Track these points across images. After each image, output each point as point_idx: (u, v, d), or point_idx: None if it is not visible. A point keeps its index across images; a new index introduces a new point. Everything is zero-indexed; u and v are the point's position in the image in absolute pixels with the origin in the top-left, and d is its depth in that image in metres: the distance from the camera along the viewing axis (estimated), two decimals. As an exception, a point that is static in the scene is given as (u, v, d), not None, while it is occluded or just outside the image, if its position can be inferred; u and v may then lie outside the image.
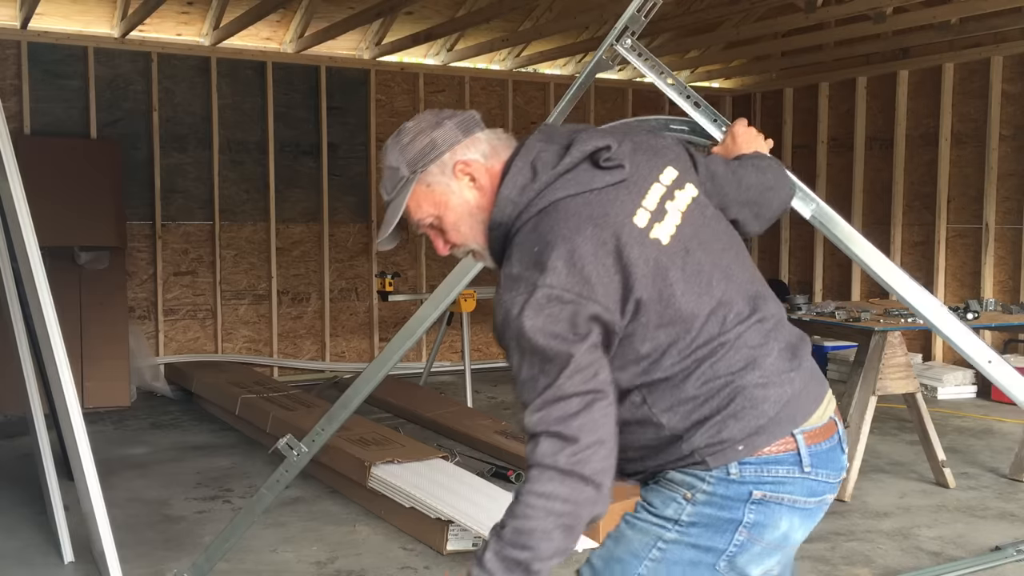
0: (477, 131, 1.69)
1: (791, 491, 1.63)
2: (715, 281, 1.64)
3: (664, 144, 1.76)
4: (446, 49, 8.38)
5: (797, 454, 1.63)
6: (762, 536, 1.63)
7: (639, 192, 1.63)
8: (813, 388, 1.69)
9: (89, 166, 6.92)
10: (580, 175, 1.60)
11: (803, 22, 6.90)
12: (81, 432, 3.29)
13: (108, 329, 6.82)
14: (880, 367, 4.71)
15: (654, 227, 1.61)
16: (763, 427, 1.60)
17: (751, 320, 1.65)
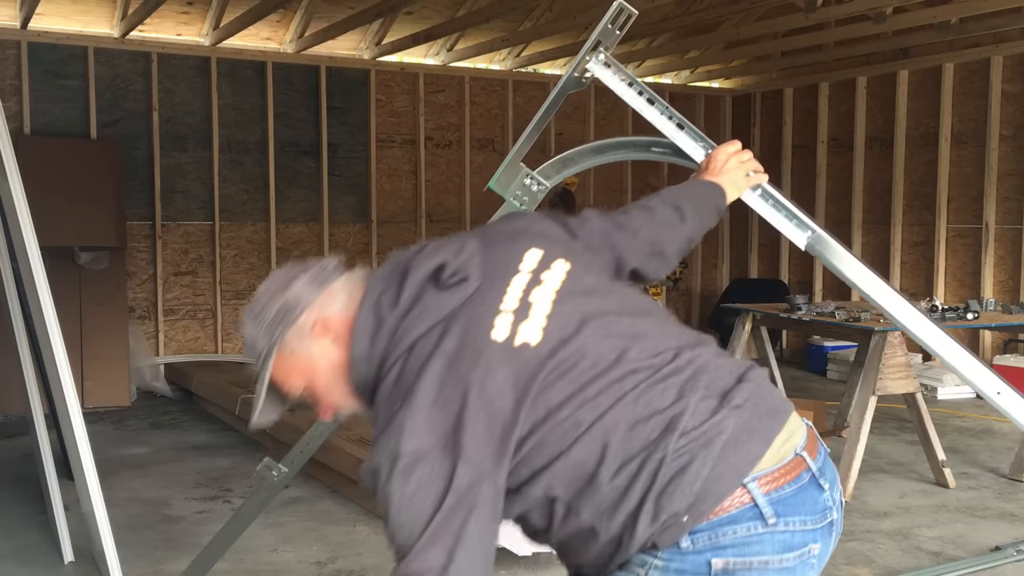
0: (333, 281, 1.51)
1: (759, 551, 1.39)
2: (604, 357, 1.42)
3: (523, 225, 1.60)
4: (446, 49, 8.38)
5: (755, 506, 1.39)
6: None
7: (496, 296, 1.44)
8: (759, 424, 1.43)
9: (89, 166, 6.92)
10: (426, 307, 1.42)
11: (803, 22, 6.90)
12: (81, 432, 3.29)
13: (108, 329, 6.82)
14: (880, 367, 4.71)
15: (519, 330, 1.41)
16: (703, 491, 1.37)
17: (655, 379, 1.42)
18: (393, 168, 8.41)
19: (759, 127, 9.62)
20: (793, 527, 1.41)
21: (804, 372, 8.38)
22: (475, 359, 1.37)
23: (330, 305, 1.49)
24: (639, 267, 1.74)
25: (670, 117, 2.26)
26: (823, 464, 1.49)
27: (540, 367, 1.39)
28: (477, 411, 1.35)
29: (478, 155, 8.77)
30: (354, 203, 8.26)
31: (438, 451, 1.33)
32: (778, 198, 2.25)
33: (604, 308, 1.49)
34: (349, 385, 1.49)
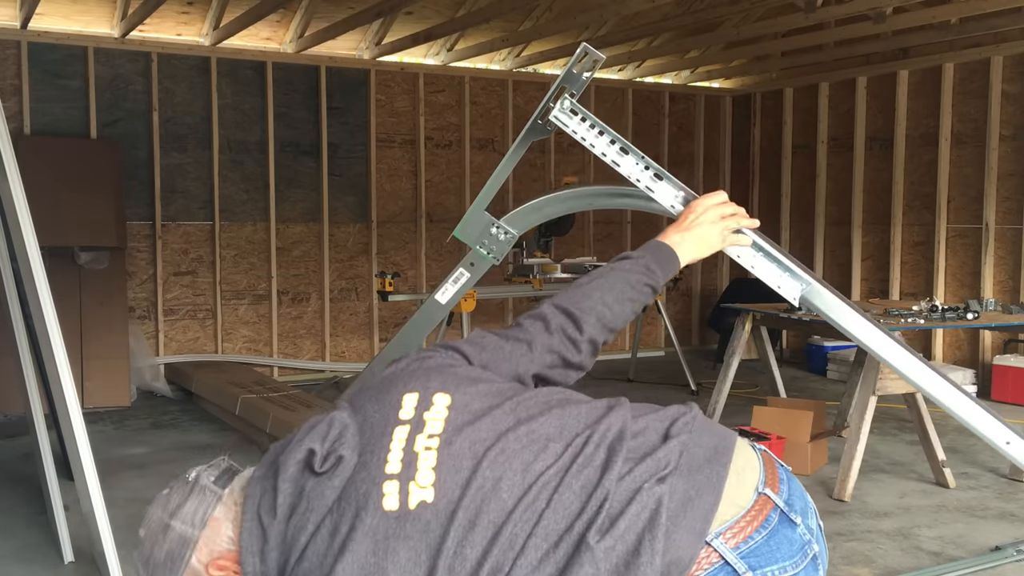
0: (215, 509, 1.36)
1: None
2: (510, 485, 1.31)
3: (398, 369, 1.50)
4: (446, 49, 8.38)
5: (725, 563, 1.30)
6: None
7: (378, 463, 1.33)
8: (701, 476, 1.34)
9: (89, 166, 6.92)
10: (309, 502, 1.31)
11: (803, 22, 6.89)
12: (81, 432, 3.29)
13: (108, 329, 6.82)
14: (880, 367, 4.71)
15: (411, 491, 1.30)
16: (666, 566, 1.27)
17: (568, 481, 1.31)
18: (393, 168, 8.41)
19: (759, 127, 9.62)
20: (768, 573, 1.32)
21: (804, 372, 8.38)
22: (373, 544, 1.26)
23: (217, 539, 1.35)
24: (540, 373, 1.61)
25: (647, 167, 2.05)
26: (789, 495, 1.40)
27: (447, 524, 1.28)
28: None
29: (478, 155, 8.77)
30: (354, 203, 8.26)
31: None
32: (770, 250, 2.06)
33: (497, 429, 1.37)
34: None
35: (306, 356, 8.16)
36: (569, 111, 2.09)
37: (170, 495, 1.39)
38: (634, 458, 1.33)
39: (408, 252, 8.51)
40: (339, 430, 1.36)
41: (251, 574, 1.31)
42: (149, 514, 1.40)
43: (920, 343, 7.95)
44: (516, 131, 8.84)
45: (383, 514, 1.28)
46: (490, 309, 8.80)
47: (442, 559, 1.25)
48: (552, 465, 1.33)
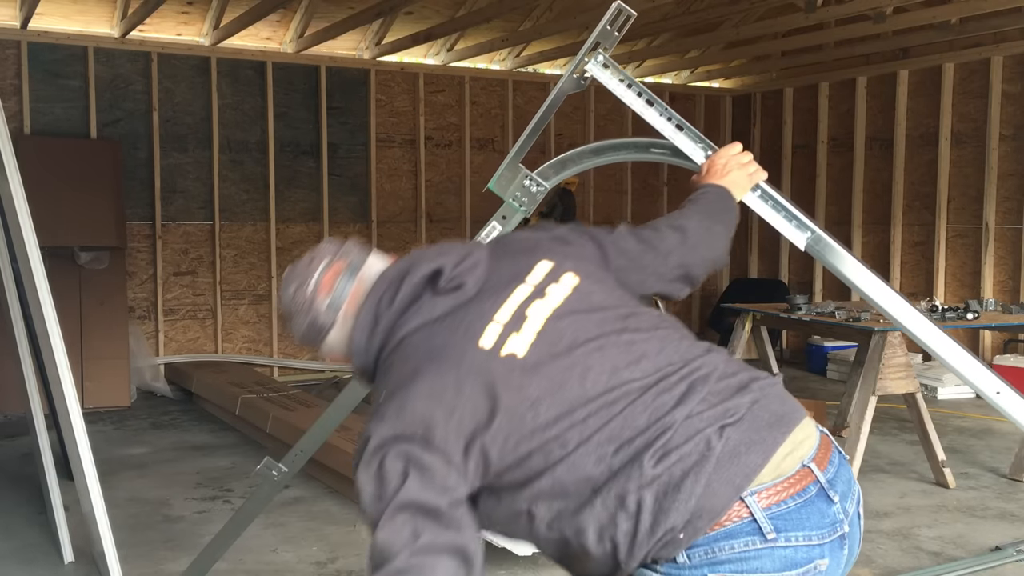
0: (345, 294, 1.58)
1: (758, 567, 1.35)
2: (596, 378, 1.42)
3: (544, 237, 1.63)
4: (446, 49, 8.38)
5: (753, 521, 1.35)
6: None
7: (491, 306, 1.46)
8: (759, 436, 1.40)
9: (89, 166, 6.92)
10: (421, 308, 1.49)
11: (803, 22, 6.90)
12: (81, 432, 3.29)
13: (108, 329, 6.82)
14: (880, 367, 4.71)
15: (508, 341, 1.42)
16: (698, 507, 1.34)
17: (646, 399, 1.41)
18: (393, 168, 8.41)
19: (759, 127, 9.62)
20: (796, 542, 1.37)
21: (804, 372, 8.38)
22: (457, 361, 1.40)
23: (335, 340, 1.60)
24: (663, 290, 1.74)
25: (669, 118, 2.26)
26: (835, 475, 1.45)
27: (526, 379, 1.40)
28: (451, 409, 1.37)
29: (478, 155, 8.76)
30: (354, 203, 8.26)
31: (411, 441, 1.36)
32: (777, 199, 2.25)
33: (603, 328, 1.48)
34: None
35: (306, 356, 8.16)
36: (602, 65, 2.25)
37: (328, 254, 1.65)
38: (708, 402, 1.41)
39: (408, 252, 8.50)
40: (472, 262, 1.53)
41: (356, 347, 1.54)
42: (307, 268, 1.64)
43: (920, 343, 7.94)
44: (516, 131, 8.85)
45: (475, 348, 1.42)
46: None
47: (507, 401, 1.38)
48: (638, 380, 1.43)
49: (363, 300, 1.56)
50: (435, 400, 1.38)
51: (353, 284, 1.60)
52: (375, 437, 1.40)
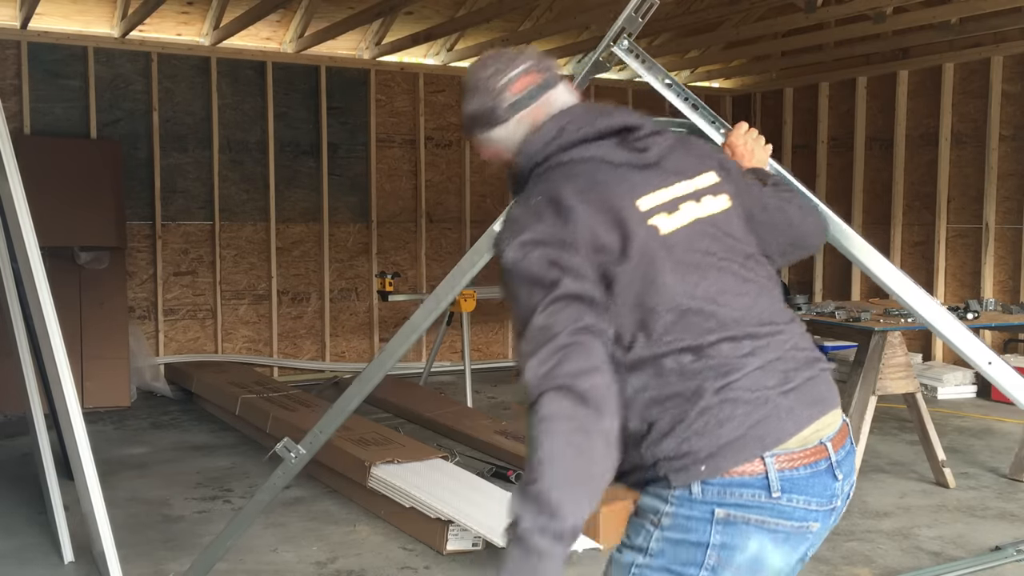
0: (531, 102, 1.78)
1: (758, 512, 1.54)
2: (707, 287, 1.59)
3: (717, 157, 1.80)
4: (446, 49, 8.38)
5: (765, 478, 1.53)
6: (732, 559, 1.54)
7: (657, 182, 1.65)
8: (799, 410, 1.58)
9: (89, 166, 6.92)
10: (601, 146, 1.66)
11: (803, 22, 6.90)
12: (81, 432, 3.29)
13: (108, 329, 6.82)
14: (880, 367, 4.71)
15: (657, 216, 1.60)
16: (726, 447, 1.52)
17: (740, 336, 1.58)
18: (393, 168, 8.41)
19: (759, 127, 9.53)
20: (796, 504, 1.55)
21: (804, 372, 8.37)
22: (616, 203, 1.59)
23: (502, 136, 1.81)
24: (771, 256, 1.83)
25: (686, 99, 2.45)
26: (844, 458, 1.63)
27: (657, 252, 1.58)
28: (596, 236, 1.55)
29: (478, 155, 8.75)
30: (354, 203, 8.26)
31: (563, 246, 1.53)
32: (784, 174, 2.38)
33: (730, 254, 1.66)
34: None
35: (306, 356, 8.16)
36: (627, 50, 2.42)
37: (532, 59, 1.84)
38: (775, 367, 1.60)
39: (408, 252, 8.51)
40: (662, 139, 1.71)
41: (528, 147, 1.71)
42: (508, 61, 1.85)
43: (920, 343, 7.95)
44: (516, 131, 8.84)
45: (632, 204, 1.60)
46: (490, 309, 8.80)
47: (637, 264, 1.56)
48: (735, 311, 1.61)
49: (552, 114, 1.72)
50: (586, 222, 1.55)
51: (541, 98, 1.76)
52: (528, 232, 1.56)
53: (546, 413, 1.41)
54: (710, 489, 1.53)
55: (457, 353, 8.47)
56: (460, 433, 5.72)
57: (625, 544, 1.63)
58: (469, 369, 6.76)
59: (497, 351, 8.97)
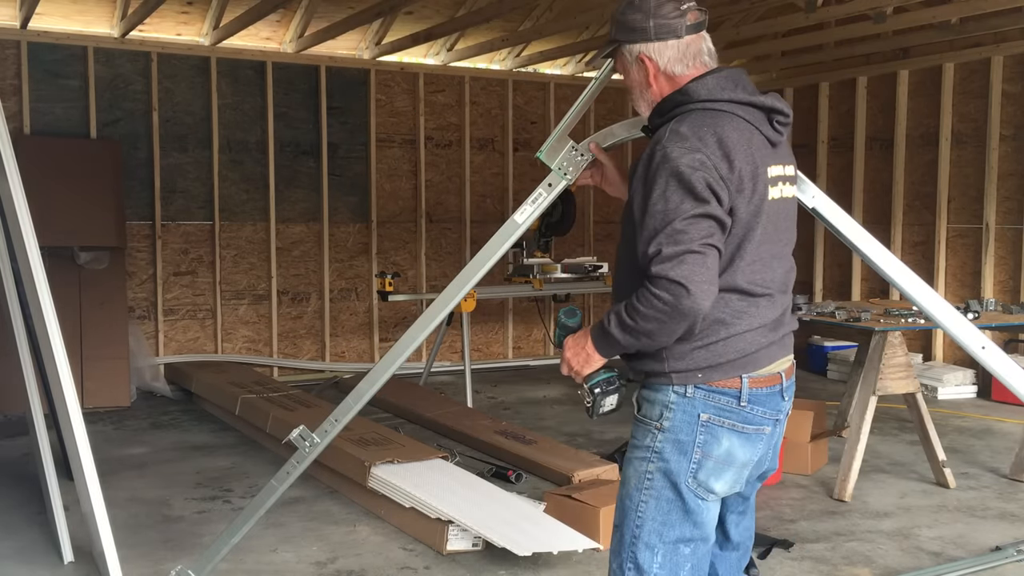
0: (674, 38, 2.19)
1: (729, 417, 2.11)
2: (770, 248, 2.13)
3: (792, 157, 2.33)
4: (446, 49, 8.38)
5: (739, 392, 2.11)
6: (711, 452, 2.12)
7: (777, 159, 2.15)
8: (773, 352, 2.17)
9: (89, 166, 6.92)
10: (757, 115, 2.11)
11: (803, 22, 6.89)
12: (81, 432, 3.29)
13: (108, 329, 6.82)
14: (880, 367, 4.71)
15: (771, 184, 2.11)
16: (721, 365, 2.09)
17: (765, 294, 2.13)
18: (393, 168, 8.41)
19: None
20: (755, 413, 2.15)
21: (804, 372, 8.37)
22: (759, 160, 2.06)
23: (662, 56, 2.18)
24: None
25: None
26: (790, 385, 2.24)
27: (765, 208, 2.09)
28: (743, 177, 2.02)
29: (478, 155, 8.76)
30: (354, 203, 8.26)
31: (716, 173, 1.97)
32: None
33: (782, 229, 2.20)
34: (651, 105, 2.19)
35: (306, 356, 8.16)
36: None
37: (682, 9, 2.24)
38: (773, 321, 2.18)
39: (408, 252, 8.51)
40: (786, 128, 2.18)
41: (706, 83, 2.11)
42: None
43: (920, 343, 7.95)
44: (516, 131, 8.85)
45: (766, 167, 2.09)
46: (490, 309, 8.80)
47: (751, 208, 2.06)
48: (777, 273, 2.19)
49: (700, 54, 2.20)
50: (740, 168, 2.01)
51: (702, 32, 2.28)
52: (698, 153, 1.97)
53: (658, 293, 1.93)
54: (699, 392, 2.09)
55: (457, 353, 8.47)
56: (460, 433, 5.72)
57: (635, 445, 2.18)
58: (469, 369, 6.76)
59: (497, 351, 8.96)
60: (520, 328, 9.06)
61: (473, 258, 2.72)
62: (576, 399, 7.24)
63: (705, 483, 2.12)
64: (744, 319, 2.08)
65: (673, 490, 2.12)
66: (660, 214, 1.94)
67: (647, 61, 2.17)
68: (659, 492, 2.12)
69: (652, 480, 2.12)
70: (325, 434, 2.87)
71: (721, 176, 1.97)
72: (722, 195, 1.97)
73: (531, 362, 8.94)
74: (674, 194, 1.94)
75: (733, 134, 2.02)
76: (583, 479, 4.61)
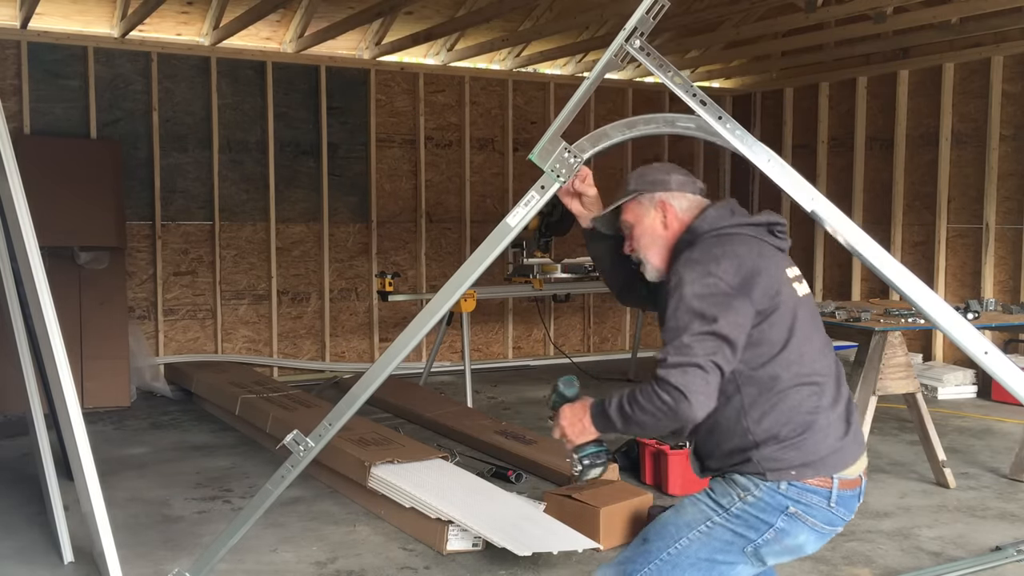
0: (689, 194, 2.38)
1: (815, 516, 2.18)
2: (816, 341, 2.25)
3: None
4: (446, 49, 8.38)
5: (830, 492, 2.17)
6: (783, 540, 2.19)
7: (788, 264, 2.31)
8: (854, 449, 2.24)
9: (89, 166, 6.92)
10: (761, 230, 2.29)
11: (803, 22, 6.89)
12: (81, 432, 3.29)
13: (108, 329, 6.82)
14: (880, 367, 4.71)
15: (794, 283, 2.26)
16: (814, 463, 2.16)
17: (831, 385, 2.23)
18: (393, 168, 8.41)
19: (759, 127, 9.61)
20: (839, 514, 2.20)
21: (804, 372, 8.36)
22: (774, 270, 2.22)
23: (679, 203, 2.36)
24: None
25: (694, 95, 2.54)
26: (863, 487, 2.29)
27: (801, 305, 2.24)
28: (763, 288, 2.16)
29: (478, 155, 8.76)
30: (354, 203, 8.26)
31: (726, 290, 2.11)
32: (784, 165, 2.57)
33: (817, 321, 2.32)
34: (663, 249, 2.34)
35: (306, 356, 8.16)
36: (639, 48, 2.55)
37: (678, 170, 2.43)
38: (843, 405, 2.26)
39: (408, 252, 8.51)
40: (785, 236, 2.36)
41: (710, 216, 2.28)
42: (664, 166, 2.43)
43: (920, 343, 7.95)
44: (516, 131, 8.85)
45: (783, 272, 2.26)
46: (490, 309, 8.80)
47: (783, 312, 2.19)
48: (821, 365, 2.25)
49: (710, 204, 2.34)
50: (763, 275, 2.17)
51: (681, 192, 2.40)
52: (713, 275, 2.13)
53: (660, 393, 2.05)
54: (793, 490, 2.15)
55: (457, 353, 8.47)
56: (460, 433, 5.72)
57: (711, 497, 2.23)
58: (469, 369, 6.76)
59: (497, 351, 8.96)
60: (520, 328, 9.06)
61: (465, 262, 2.70)
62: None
63: (762, 558, 2.22)
64: (821, 413, 2.19)
65: (726, 545, 2.20)
66: (672, 330, 2.11)
67: (667, 206, 2.35)
68: (711, 541, 2.20)
69: (711, 531, 2.20)
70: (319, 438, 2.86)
71: (734, 290, 2.13)
72: (736, 310, 2.11)
73: (531, 362, 8.94)
74: (684, 314, 2.10)
75: (742, 248, 2.21)
76: (583, 479, 4.60)
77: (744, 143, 2.43)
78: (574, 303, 9.07)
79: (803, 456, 2.15)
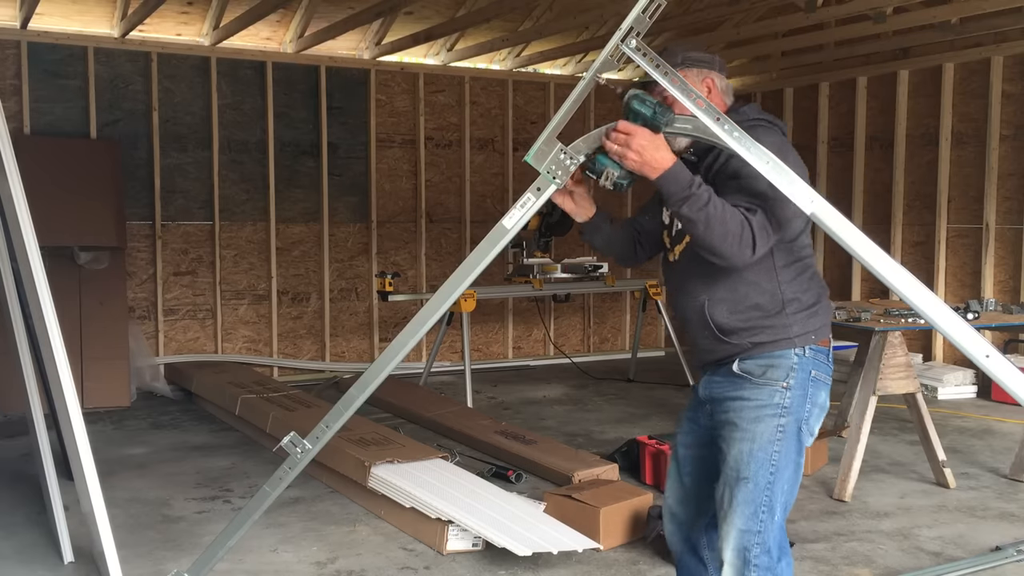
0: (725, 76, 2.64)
1: (824, 372, 2.53)
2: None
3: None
4: (446, 49, 8.38)
5: (828, 350, 2.54)
6: (816, 402, 2.52)
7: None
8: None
9: (89, 166, 6.92)
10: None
11: (803, 22, 6.89)
12: (81, 432, 3.29)
13: (108, 329, 6.82)
14: (880, 367, 4.71)
15: None
16: (824, 326, 2.53)
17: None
18: (393, 168, 8.41)
19: (759, 127, 9.60)
20: (831, 367, 2.57)
21: (804, 372, 8.36)
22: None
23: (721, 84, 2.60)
24: None
25: (691, 96, 2.52)
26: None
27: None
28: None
29: (478, 155, 8.76)
30: (354, 203, 8.26)
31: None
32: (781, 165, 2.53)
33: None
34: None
35: (306, 356, 8.16)
36: (635, 48, 2.52)
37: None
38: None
39: (408, 252, 8.51)
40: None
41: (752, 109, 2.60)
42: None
43: (920, 343, 7.95)
44: (516, 131, 8.86)
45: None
46: (490, 309, 8.80)
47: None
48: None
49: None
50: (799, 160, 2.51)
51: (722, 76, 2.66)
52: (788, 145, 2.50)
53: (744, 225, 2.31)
54: (810, 351, 2.47)
55: (457, 353, 8.47)
56: (460, 433, 5.72)
57: (762, 404, 2.46)
58: (469, 369, 6.76)
59: (497, 351, 8.96)
60: (520, 328, 9.06)
61: (460, 265, 2.68)
62: (575, 399, 7.25)
63: (812, 429, 2.55)
64: (824, 290, 2.58)
65: (797, 437, 2.49)
66: (760, 193, 2.38)
67: (713, 85, 2.57)
68: (789, 442, 2.47)
69: (784, 432, 2.46)
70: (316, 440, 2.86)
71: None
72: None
73: (531, 362, 8.94)
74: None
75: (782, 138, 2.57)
76: (583, 479, 4.61)
77: (742, 145, 2.42)
78: (574, 303, 9.07)
79: (818, 322, 2.50)
